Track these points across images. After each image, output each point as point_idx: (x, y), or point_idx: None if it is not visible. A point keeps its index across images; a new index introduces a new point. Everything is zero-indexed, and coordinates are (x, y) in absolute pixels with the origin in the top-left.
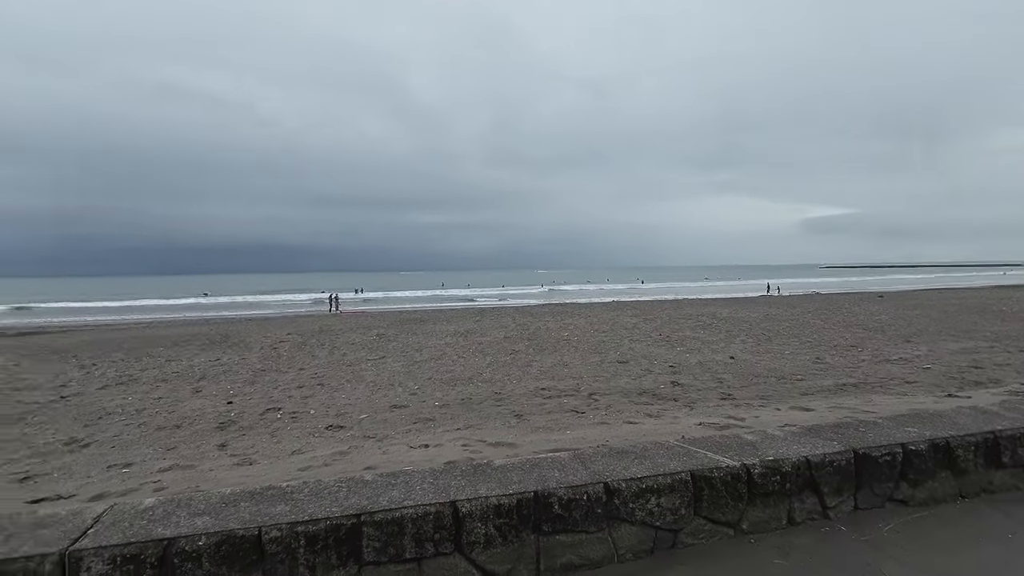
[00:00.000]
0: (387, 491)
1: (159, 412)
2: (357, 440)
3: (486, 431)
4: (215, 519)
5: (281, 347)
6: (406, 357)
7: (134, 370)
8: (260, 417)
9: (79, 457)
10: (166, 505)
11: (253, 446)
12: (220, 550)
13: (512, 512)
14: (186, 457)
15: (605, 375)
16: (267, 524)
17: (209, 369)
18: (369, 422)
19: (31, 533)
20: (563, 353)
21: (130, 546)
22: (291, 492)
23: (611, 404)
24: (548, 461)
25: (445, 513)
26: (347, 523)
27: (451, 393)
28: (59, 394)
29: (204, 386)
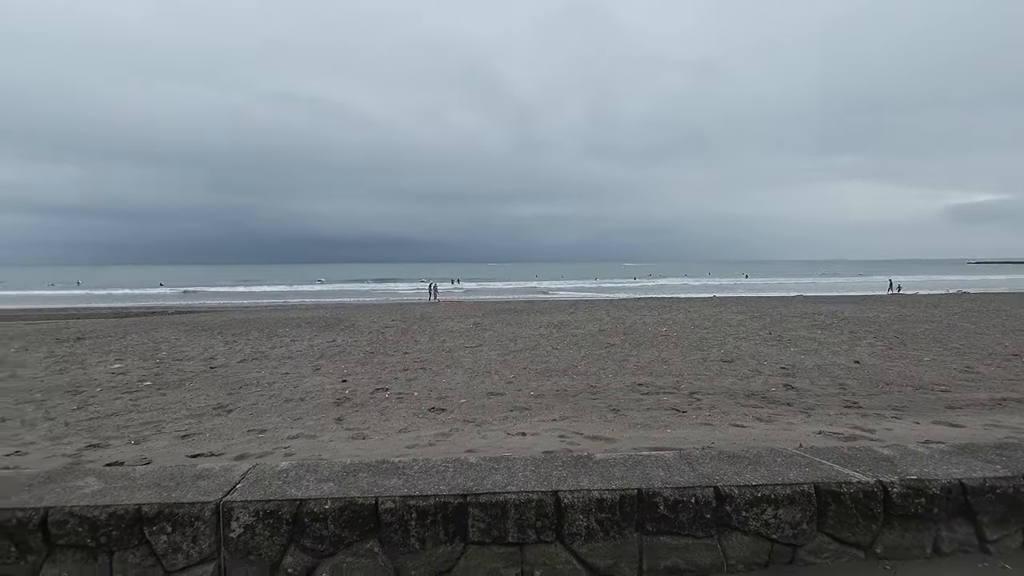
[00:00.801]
0: (490, 475)
1: (286, 386)
2: (457, 423)
3: (582, 424)
4: (338, 486)
5: (387, 332)
6: (501, 346)
7: (265, 347)
8: (370, 396)
9: (225, 421)
10: (297, 469)
11: (365, 422)
12: (343, 515)
13: (615, 508)
14: (309, 428)
15: (708, 374)
16: (383, 495)
17: (326, 349)
18: (468, 407)
19: (193, 483)
20: (661, 349)
21: (270, 503)
22: (403, 468)
23: (715, 405)
24: (652, 459)
25: (547, 502)
26: (454, 502)
27: (546, 384)
28: (209, 365)
29: (322, 365)
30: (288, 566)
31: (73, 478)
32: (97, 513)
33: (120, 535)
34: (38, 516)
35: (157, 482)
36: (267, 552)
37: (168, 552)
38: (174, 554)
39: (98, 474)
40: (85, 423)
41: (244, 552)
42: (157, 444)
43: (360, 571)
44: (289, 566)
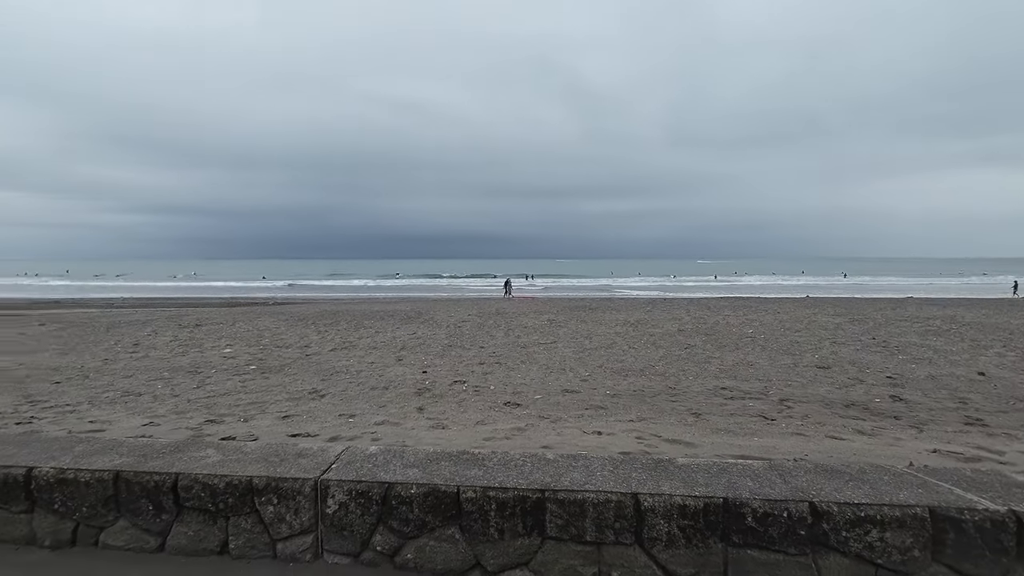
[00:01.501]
0: (568, 472)
1: (372, 374)
2: (533, 419)
3: (661, 426)
4: (423, 472)
5: (463, 326)
6: (576, 344)
7: (353, 338)
8: (449, 387)
9: (318, 404)
10: (385, 454)
11: (444, 412)
12: (427, 500)
13: (698, 515)
14: (393, 415)
15: (800, 380)
16: (464, 485)
17: (408, 341)
18: (543, 403)
19: (295, 461)
20: (747, 351)
21: (361, 483)
22: (482, 459)
23: (808, 414)
24: (738, 468)
25: (626, 504)
26: (532, 496)
27: (622, 383)
28: (304, 353)
29: (404, 356)
30: (377, 544)
31: (196, 449)
32: (216, 482)
33: (235, 502)
34: (170, 480)
35: (265, 457)
36: (358, 529)
37: (274, 521)
38: (279, 524)
39: (216, 447)
40: (203, 400)
41: (339, 527)
42: (262, 423)
43: (442, 555)
44: (378, 544)
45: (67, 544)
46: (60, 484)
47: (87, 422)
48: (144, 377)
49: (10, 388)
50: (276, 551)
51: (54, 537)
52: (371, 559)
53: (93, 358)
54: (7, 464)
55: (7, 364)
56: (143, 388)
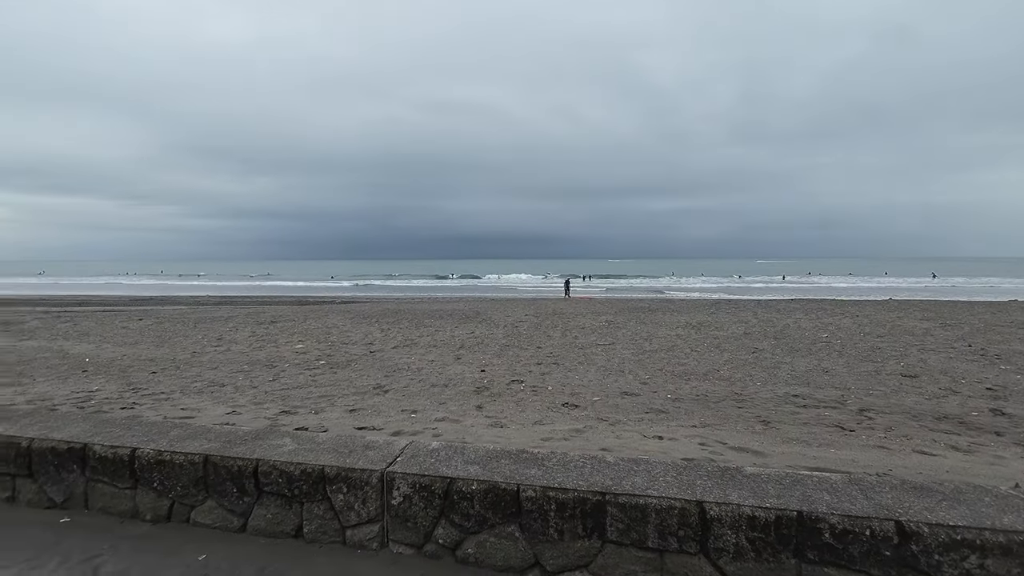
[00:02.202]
0: (629, 476)
1: (432, 372)
2: (591, 421)
3: (726, 433)
4: (483, 469)
5: (521, 326)
6: (635, 345)
7: (414, 336)
8: (507, 386)
9: (382, 400)
10: (447, 450)
11: (502, 411)
12: (487, 497)
13: (769, 528)
14: (453, 412)
15: (882, 389)
16: (524, 483)
17: (466, 340)
18: (601, 405)
19: (362, 453)
20: (821, 357)
21: (425, 477)
22: (542, 459)
23: (892, 426)
24: (814, 480)
25: (691, 511)
26: (592, 498)
27: (684, 387)
28: (368, 350)
29: (463, 354)
30: (439, 537)
31: (274, 438)
32: (292, 469)
33: (309, 489)
34: (251, 466)
35: (335, 448)
36: (422, 521)
37: (344, 509)
38: (348, 512)
39: (292, 436)
40: (278, 392)
41: (403, 519)
42: (331, 415)
43: (502, 552)
44: (440, 537)
45: (164, 519)
46: (158, 465)
47: (179, 409)
48: (227, 369)
49: (116, 376)
50: (345, 538)
51: (153, 512)
52: (433, 551)
53: (183, 351)
54: (115, 445)
55: (114, 355)
56: (226, 379)
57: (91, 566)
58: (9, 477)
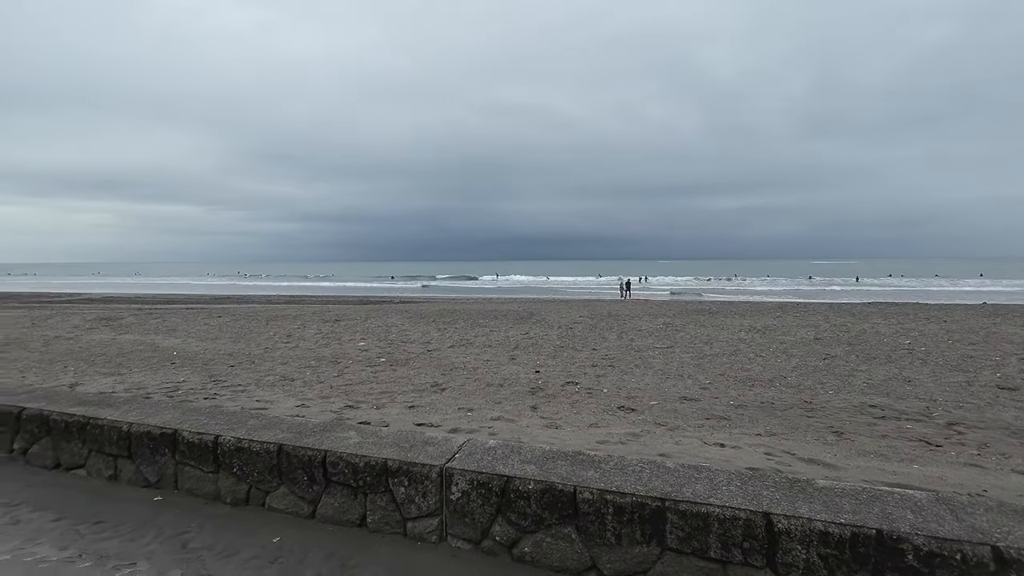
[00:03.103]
0: (690, 483)
1: (487, 371)
2: (648, 425)
3: (794, 443)
4: (539, 469)
5: (575, 327)
6: (695, 349)
7: (470, 335)
8: (561, 388)
9: (439, 397)
10: (503, 448)
11: (557, 412)
12: (544, 497)
13: (844, 545)
14: (509, 412)
15: (975, 402)
16: (580, 485)
17: (520, 341)
18: (659, 409)
19: (422, 448)
20: (903, 365)
21: (482, 475)
22: (599, 462)
23: (986, 442)
24: (895, 497)
25: (757, 523)
26: (651, 504)
27: (747, 393)
28: (426, 348)
29: (518, 355)
30: (496, 534)
31: (341, 431)
32: (357, 461)
33: (372, 481)
34: (320, 456)
35: (397, 442)
36: (479, 518)
37: (405, 502)
38: (409, 504)
39: (356, 430)
40: (343, 388)
41: (461, 514)
42: (391, 411)
43: (558, 553)
44: (497, 534)
45: (242, 503)
46: (238, 451)
47: (255, 400)
48: (296, 364)
49: (200, 369)
50: (406, 529)
51: (233, 495)
52: (490, 548)
53: (257, 346)
54: (200, 431)
55: (198, 349)
56: (296, 374)
57: (180, 541)
58: (112, 458)
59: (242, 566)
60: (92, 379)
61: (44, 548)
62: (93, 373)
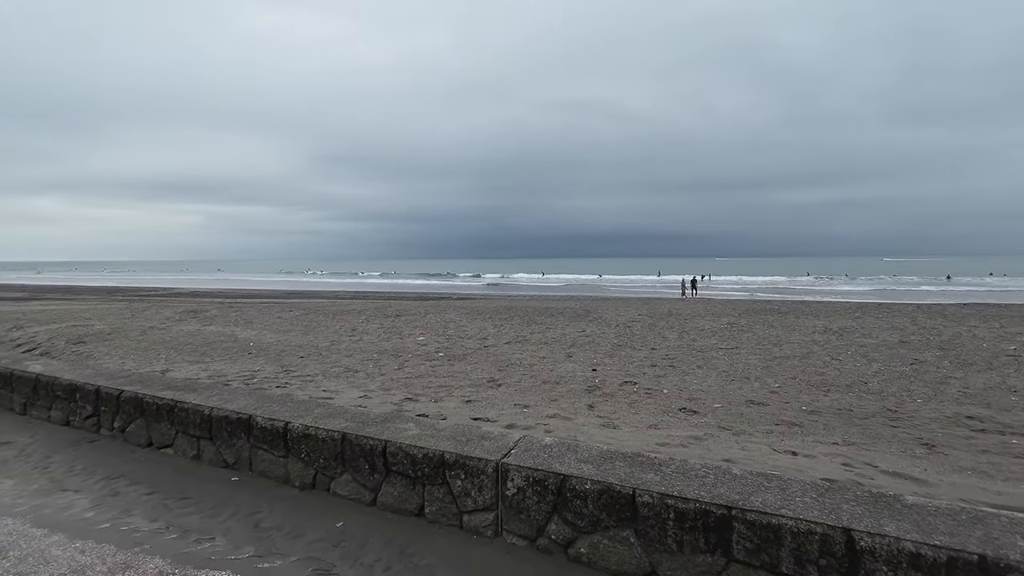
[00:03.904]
0: (759, 492)
1: (543, 368)
2: (711, 428)
3: (876, 454)
4: (597, 469)
5: (634, 326)
6: (763, 351)
7: (526, 332)
8: (619, 387)
9: (495, 393)
10: (560, 446)
11: (615, 412)
12: (601, 498)
13: (939, 570)
14: (564, 410)
15: None
16: (640, 488)
17: (577, 338)
18: (723, 413)
19: (479, 442)
20: (1006, 373)
21: (539, 472)
22: (659, 464)
23: None
24: (1003, 521)
25: (835, 539)
26: (716, 511)
27: (822, 399)
28: (482, 344)
29: (574, 352)
30: (552, 532)
31: (400, 422)
32: (416, 452)
33: (430, 472)
34: (381, 446)
35: (454, 436)
36: (535, 515)
37: (461, 495)
38: (465, 497)
39: (415, 421)
40: (403, 381)
41: (516, 510)
42: (448, 404)
43: (616, 556)
44: (553, 532)
45: (309, 487)
46: (305, 438)
47: (321, 390)
48: (359, 357)
49: (272, 359)
50: (462, 522)
51: (301, 480)
52: (546, 546)
53: (324, 339)
54: (272, 418)
55: (271, 341)
56: (359, 366)
57: (254, 520)
58: (195, 439)
59: (308, 547)
60: (180, 366)
61: (137, 519)
62: (181, 361)
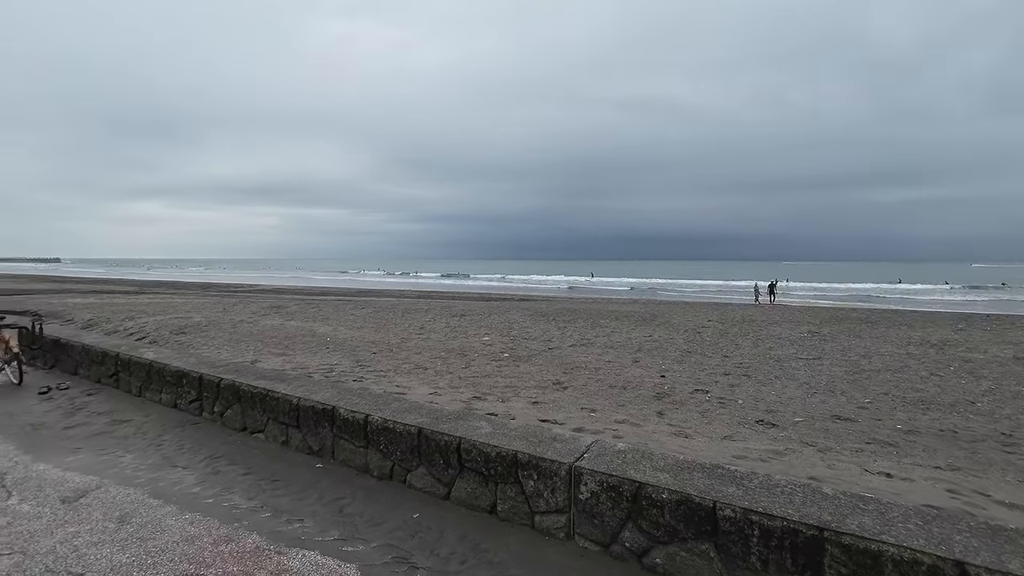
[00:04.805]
0: (854, 514)
1: (610, 373)
2: (793, 443)
3: (988, 482)
4: (674, 479)
5: (703, 332)
6: (849, 362)
7: (590, 336)
8: (690, 395)
9: (562, 395)
10: (633, 453)
11: (686, 421)
12: (679, 508)
13: None
14: (633, 416)
15: None
16: (721, 501)
17: (643, 343)
18: (805, 427)
19: (550, 444)
20: None
21: (612, 477)
22: (740, 478)
23: None
24: None
25: (946, 572)
26: (806, 532)
27: (920, 418)
28: (547, 346)
29: (640, 358)
30: (626, 540)
31: (473, 420)
32: (489, 450)
33: (502, 471)
34: (455, 442)
35: (525, 436)
36: (608, 521)
37: (534, 495)
38: (537, 498)
39: (487, 420)
40: (470, 379)
41: (589, 514)
42: (516, 405)
43: (694, 569)
44: (627, 540)
45: (387, 478)
46: (384, 431)
47: (394, 385)
48: (428, 355)
49: (348, 354)
50: (534, 522)
51: (379, 470)
52: (620, 553)
53: (394, 336)
54: (354, 410)
55: (346, 337)
56: (428, 364)
57: (337, 506)
58: (284, 426)
59: (388, 535)
60: (267, 358)
61: (236, 497)
62: (268, 353)
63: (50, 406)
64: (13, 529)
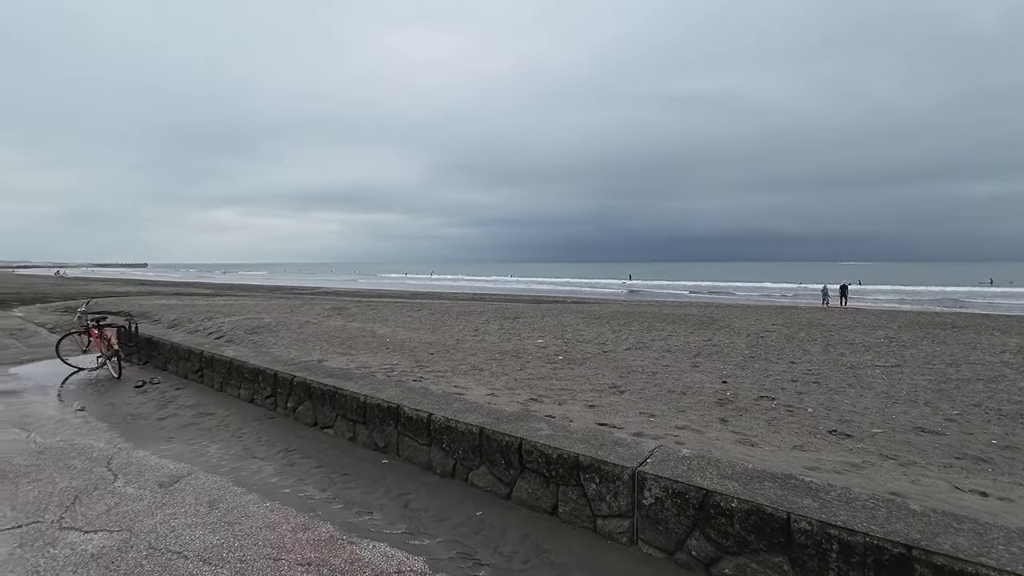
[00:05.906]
0: (947, 533)
1: (668, 377)
2: (870, 456)
3: None
4: (743, 487)
5: (767, 336)
6: (934, 371)
7: (646, 339)
8: (754, 402)
9: (619, 399)
10: (699, 459)
11: (751, 428)
12: (749, 518)
13: None
14: (694, 421)
15: None
16: (796, 513)
17: (703, 347)
18: (884, 439)
19: (612, 448)
20: None
21: (678, 484)
22: (816, 490)
23: None
24: None
25: None
26: (891, 549)
27: (1020, 432)
28: (601, 349)
29: (700, 362)
30: (692, 548)
31: (532, 421)
32: (550, 452)
33: (563, 473)
34: (516, 443)
35: (586, 439)
36: (673, 528)
37: (595, 499)
38: (599, 502)
39: (547, 422)
40: (526, 381)
41: (654, 521)
42: (572, 408)
43: None
44: (693, 548)
45: (449, 475)
46: (446, 430)
47: (453, 386)
48: (483, 356)
49: (407, 354)
50: (596, 526)
51: (442, 468)
52: (685, 561)
53: (450, 337)
54: (417, 408)
55: (404, 337)
56: (484, 365)
57: (403, 501)
58: (352, 422)
59: (452, 531)
60: (333, 357)
61: (310, 488)
62: (333, 352)
63: (145, 398)
64: (120, 509)
